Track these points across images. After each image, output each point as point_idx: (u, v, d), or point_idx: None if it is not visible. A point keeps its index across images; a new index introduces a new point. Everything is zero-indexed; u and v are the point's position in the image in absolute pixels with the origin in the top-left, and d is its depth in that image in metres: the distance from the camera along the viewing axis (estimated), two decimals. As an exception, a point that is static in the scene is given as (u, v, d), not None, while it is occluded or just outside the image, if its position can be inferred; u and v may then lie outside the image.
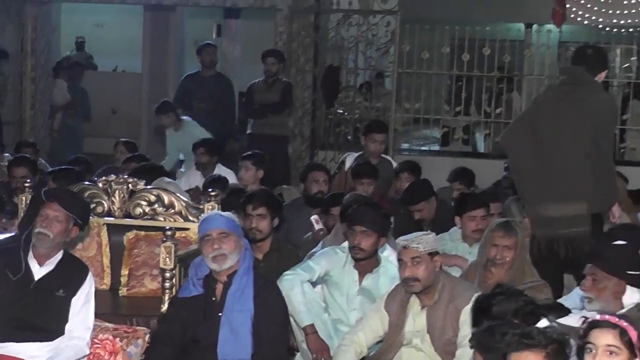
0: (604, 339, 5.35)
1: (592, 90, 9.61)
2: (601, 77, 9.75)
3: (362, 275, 8.65)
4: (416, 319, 7.81)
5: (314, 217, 10.48)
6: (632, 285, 7.31)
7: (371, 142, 12.94)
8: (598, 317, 5.59)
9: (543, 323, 6.11)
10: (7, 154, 13.00)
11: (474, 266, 8.78)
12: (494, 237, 8.53)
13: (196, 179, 12.52)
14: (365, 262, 8.60)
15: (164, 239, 8.29)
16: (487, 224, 9.33)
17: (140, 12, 21.70)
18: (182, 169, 14.73)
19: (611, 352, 5.32)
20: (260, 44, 17.93)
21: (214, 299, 7.73)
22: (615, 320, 5.45)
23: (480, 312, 6.47)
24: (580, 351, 5.45)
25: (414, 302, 7.83)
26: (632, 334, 5.36)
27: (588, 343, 5.39)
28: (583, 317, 6.10)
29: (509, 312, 6.36)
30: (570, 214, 9.56)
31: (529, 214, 9.85)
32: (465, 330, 7.31)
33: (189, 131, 14.90)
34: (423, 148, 17.86)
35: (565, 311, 7.17)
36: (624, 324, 5.41)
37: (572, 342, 6.01)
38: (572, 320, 7.56)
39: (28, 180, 9.59)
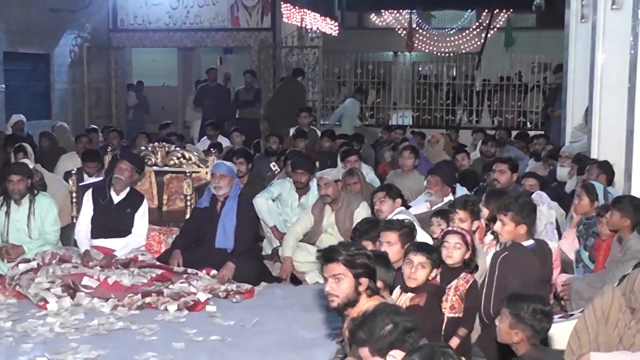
0: (453, 239, 5.35)
1: None
2: None
3: (300, 196, 8.68)
4: (329, 217, 7.88)
5: (272, 164, 10.58)
6: (450, 188, 7.70)
7: (300, 119, 13.01)
8: (450, 229, 5.61)
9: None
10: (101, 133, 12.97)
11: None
12: (346, 180, 8.47)
13: (207, 144, 12.42)
14: (303, 188, 8.63)
15: (186, 178, 8.36)
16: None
17: (175, 51, 21.50)
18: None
19: (457, 247, 5.31)
20: (243, 67, 17.87)
21: (215, 210, 7.75)
22: (459, 230, 5.49)
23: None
24: (439, 247, 5.42)
25: (328, 208, 7.89)
26: (468, 237, 5.38)
27: (444, 242, 5.38)
28: (441, 228, 6.14)
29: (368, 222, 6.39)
30: None
31: None
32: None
33: None
34: (336, 122, 17.66)
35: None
36: (464, 232, 5.45)
37: (418, 227, 6.11)
38: (421, 208, 7.71)
39: (109, 148, 9.59)
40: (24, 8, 15.22)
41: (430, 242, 6.07)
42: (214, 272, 7.34)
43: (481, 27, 27.82)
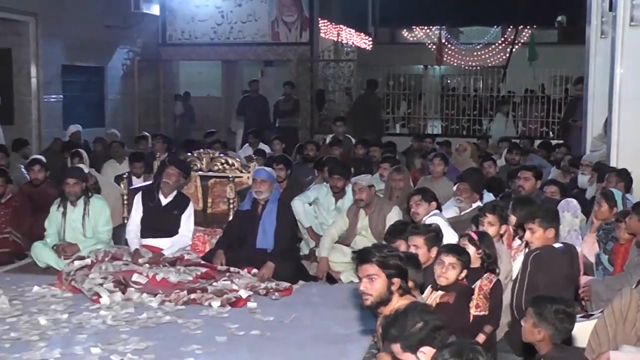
0: (463, 240, 5.30)
1: None
2: None
3: (336, 200, 8.61)
4: (363, 221, 7.81)
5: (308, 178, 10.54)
6: (478, 195, 7.59)
7: (335, 127, 12.99)
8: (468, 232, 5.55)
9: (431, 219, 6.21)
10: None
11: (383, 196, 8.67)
12: (392, 176, 8.60)
13: (249, 151, 12.47)
14: (339, 193, 8.58)
15: (229, 182, 8.40)
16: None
17: (219, 64, 21.60)
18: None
19: (465, 244, 5.24)
20: (282, 79, 17.91)
21: (256, 213, 7.72)
22: (469, 233, 5.41)
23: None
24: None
25: (362, 212, 7.82)
26: (474, 236, 5.30)
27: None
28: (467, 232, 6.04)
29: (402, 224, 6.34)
30: None
31: None
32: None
33: None
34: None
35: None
36: (472, 234, 5.37)
37: (449, 229, 6.03)
38: (450, 213, 7.63)
39: (158, 154, 9.64)
40: (81, 25, 15.38)
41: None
42: (254, 270, 7.33)
43: (506, 43, 27.66)
